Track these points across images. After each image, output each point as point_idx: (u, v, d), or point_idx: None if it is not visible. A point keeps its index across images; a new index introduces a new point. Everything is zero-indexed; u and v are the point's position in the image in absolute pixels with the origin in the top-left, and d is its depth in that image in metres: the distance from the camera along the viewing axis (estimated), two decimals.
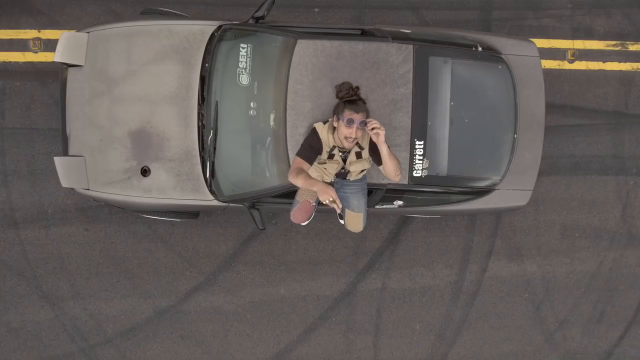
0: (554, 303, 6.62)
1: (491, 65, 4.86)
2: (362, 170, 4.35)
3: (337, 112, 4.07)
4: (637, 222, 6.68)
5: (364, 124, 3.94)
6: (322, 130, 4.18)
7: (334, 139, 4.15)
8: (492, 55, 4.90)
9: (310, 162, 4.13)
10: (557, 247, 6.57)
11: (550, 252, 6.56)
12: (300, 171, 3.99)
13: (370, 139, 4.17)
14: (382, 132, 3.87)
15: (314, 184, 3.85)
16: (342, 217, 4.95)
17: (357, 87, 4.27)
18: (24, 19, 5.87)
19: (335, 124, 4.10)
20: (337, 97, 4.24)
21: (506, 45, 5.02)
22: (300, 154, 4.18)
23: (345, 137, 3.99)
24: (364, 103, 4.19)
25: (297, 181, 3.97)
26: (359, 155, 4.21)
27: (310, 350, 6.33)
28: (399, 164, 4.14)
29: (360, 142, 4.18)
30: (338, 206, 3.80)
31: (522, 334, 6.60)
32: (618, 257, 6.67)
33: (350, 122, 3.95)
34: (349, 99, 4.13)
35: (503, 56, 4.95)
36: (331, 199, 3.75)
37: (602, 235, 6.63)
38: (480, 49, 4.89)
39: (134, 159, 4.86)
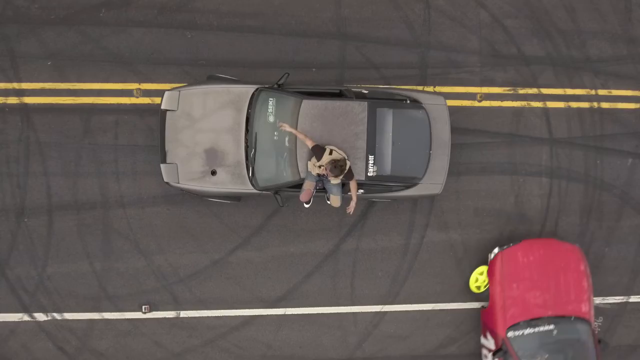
0: (470, 259, 10.03)
1: (416, 111, 8.32)
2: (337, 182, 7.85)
3: (319, 159, 7.69)
4: (525, 207, 10.10)
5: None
6: (313, 162, 7.83)
7: (313, 165, 7.76)
8: (416, 105, 8.36)
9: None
10: (471, 222, 9.99)
11: (467, 226, 9.99)
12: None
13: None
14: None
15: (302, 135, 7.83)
16: (328, 199, 8.39)
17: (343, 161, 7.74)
18: (129, 76, 9.30)
19: (318, 164, 7.70)
20: (329, 169, 7.60)
21: (425, 98, 8.50)
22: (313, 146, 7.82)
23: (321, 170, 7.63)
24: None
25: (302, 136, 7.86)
26: (334, 180, 7.74)
27: (309, 289, 9.74)
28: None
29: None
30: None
31: (449, 279, 10.01)
32: (513, 230, 10.09)
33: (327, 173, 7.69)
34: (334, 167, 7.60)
35: (423, 105, 8.41)
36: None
37: (501, 215, 10.05)
38: (408, 101, 8.36)
39: (207, 165, 8.30)
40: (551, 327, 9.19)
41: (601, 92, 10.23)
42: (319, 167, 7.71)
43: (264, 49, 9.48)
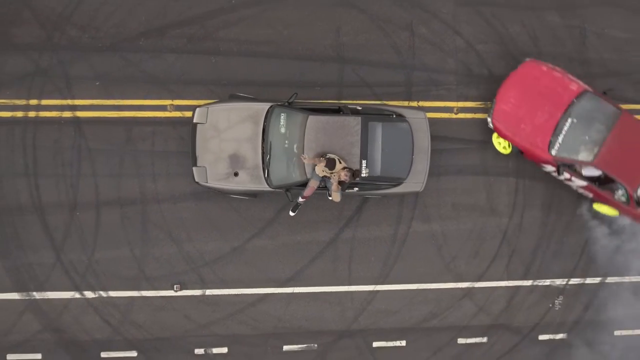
0: (449, 246, 11.87)
1: (400, 124, 10.22)
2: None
3: (330, 168, 9.49)
4: (495, 202, 11.93)
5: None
6: (321, 166, 9.62)
7: (322, 170, 9.54)
8: (401, 119, 10.25)
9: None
10: (450, 215, 11.83)
11: (446, 218, 11.83)
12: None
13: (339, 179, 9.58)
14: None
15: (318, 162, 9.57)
16: (330, 195, 10.26)
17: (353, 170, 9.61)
18: (164, 94, 11.17)
19: (331, 172, 9.50)
20: (349, 176, 9.45)
21: (408, 113, 10.41)
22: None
23: (331, 176, 9.48)
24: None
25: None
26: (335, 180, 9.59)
27: (314, 271, 11.57)
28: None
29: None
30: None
31: (431, 263, 11.84)
32: (484, 222, 11.93)
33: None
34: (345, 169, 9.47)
35: (407, 119, 10.30)
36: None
37: (475, 209, 11.90)
38: (394, 115, 10.25)
39: (230, 168, 10.18)
40: (569, 120, 10.92)
41: None
42: (330, 172, 9.56)
43: (276, 71, 11.35)
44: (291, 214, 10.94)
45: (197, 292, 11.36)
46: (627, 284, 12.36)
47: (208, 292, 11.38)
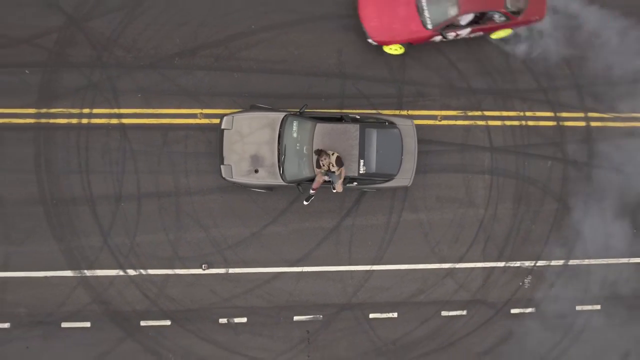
0: (434, 233, 14.00)
1: (392, 130, 12.34)
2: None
3: (340, 165, 11.55)
4: (473, 196, 14.02)
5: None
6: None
7: (322, 165, 11.61)
8: (392, 125, 12.39)
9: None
10: (434, 206, 13.92)
11: (432, 209, 13.92)
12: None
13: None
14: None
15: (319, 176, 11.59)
16: (334, 188, 12.38)
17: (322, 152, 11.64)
18: (194, 104, 13.27)
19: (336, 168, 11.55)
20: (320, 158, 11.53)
21: (398, 121, 12.54)
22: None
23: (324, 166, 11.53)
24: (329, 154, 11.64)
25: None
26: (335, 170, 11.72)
27: (319, 253, 13.64)
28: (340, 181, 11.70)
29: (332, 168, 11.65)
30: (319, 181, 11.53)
31: (418, 247, 13.92)
32: (464, 212, 14.02)
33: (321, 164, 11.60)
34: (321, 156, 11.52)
35: (397, 125, 12.44)
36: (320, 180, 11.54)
37: (456, 201, 13.98)
38: (387, 123, 12.39)
39: (252, 166, 12.31)
40: None
41: (528, 113, 14.12)
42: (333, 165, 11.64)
43: (288, 85, 13.43)
44: (305, 203, 13.00)
45: (221, 271, 13.39)
46: (586, 266, 14.38)
47: (231, 270, 13.41)
